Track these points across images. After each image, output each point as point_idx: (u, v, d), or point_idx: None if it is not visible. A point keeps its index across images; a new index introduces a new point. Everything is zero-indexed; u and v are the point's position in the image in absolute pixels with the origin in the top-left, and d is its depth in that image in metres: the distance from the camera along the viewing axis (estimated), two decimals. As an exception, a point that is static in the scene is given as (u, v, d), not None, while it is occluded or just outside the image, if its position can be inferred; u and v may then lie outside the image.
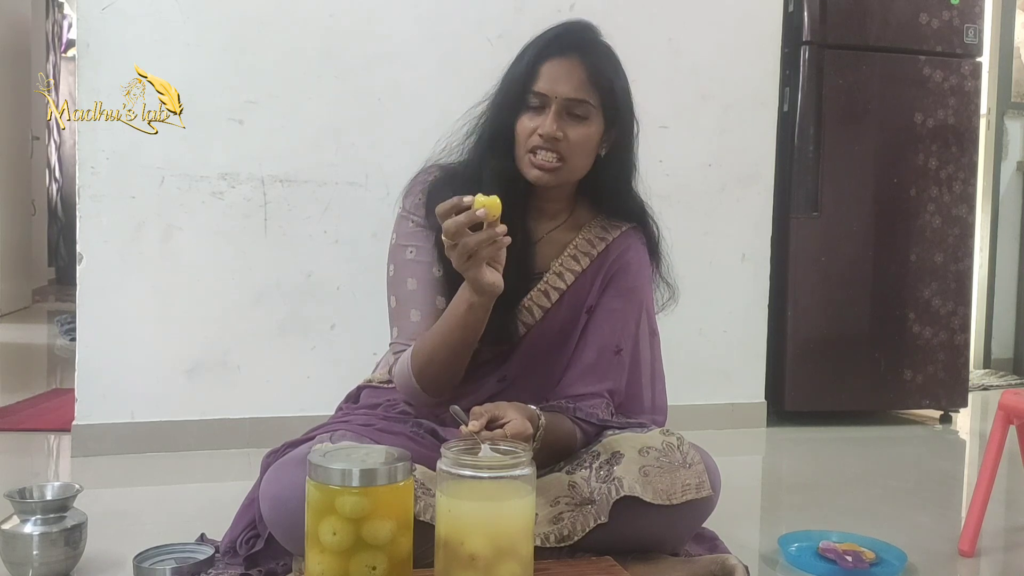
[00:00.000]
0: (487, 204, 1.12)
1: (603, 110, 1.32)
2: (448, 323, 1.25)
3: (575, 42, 1.32)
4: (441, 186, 1.37)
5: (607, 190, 1.41)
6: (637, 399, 1.43)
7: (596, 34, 1.37)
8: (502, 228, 1.15)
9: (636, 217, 1.45)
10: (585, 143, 1.31)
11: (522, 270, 1.37)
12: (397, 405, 1.40)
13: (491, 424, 1.13)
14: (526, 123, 1.31)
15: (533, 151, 1.30)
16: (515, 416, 1.15)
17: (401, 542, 0.98)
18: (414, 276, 1.36)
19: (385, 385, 1.44)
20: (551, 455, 1.30)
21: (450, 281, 1.34)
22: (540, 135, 1.28)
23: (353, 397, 1.48)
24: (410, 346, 1.32)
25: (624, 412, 1.42)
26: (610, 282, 1.41)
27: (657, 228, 1.47)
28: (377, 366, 1.54)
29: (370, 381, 1.48)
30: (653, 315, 1.47)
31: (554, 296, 1.39)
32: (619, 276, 1.41)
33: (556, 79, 1.29)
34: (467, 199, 1.13)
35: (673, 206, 2.65)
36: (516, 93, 1.32)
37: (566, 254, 1.41)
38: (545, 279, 1.39)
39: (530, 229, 1.40)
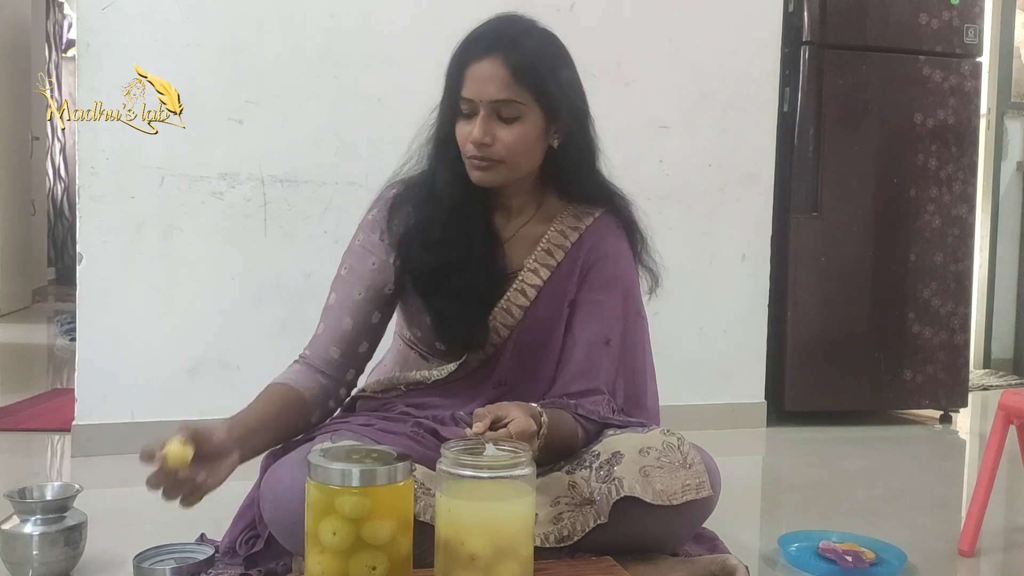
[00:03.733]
0: (173, 454, 1.04)
1: (539, 104, 1.29)
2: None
3: (497, 41, 1.28)
4: (402, 201, 1.39)
5: (569, 178, 1.39)
6: (631, 383, 1.43)
7: (523, 27, 1.32)
8: (200, 476, 1.10)
9: (604, 200, 1.43)
10: (520, 141, 1.29)
11: (492, 272, 1.36)
12: (396, 406, 1.40)
13: (495, 424, 1.13)
14: (461, 129, 1.30)
15: (469, 157, 1.29)
16: (518, 415, 1.14)
17: (401, 542, 0.98)
18: (336, 292, 1.40)
19: (380, 395, 1.44)
20: (554, 453, 1.30)
21: (374, 303, 1.37)
22: (471, 141, 1.27)
23: (348, 407, 1.47)
24: (303, 356, 1.38)
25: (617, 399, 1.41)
26: (588, 273, 1.39)
27: (631, 206, 1.45)
28: (371, 372, 1.53)
29: (363, 391, 1.48)
30: (638, 297, 1.45)
31: (531, 294, 1.38)
32: (597, 267, 1.39)
33: (480, 82, 1.26)
34: (158, 453, 1.05)
35: (673, 206, 2.65)
36: (450, 100, 1.31)
37: (539, 249, 1.39)
38: (520, 277, 1.38)
39: (497, 229, 1.39)
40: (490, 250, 1.37)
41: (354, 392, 1.46)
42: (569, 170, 1.38)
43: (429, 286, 1.35)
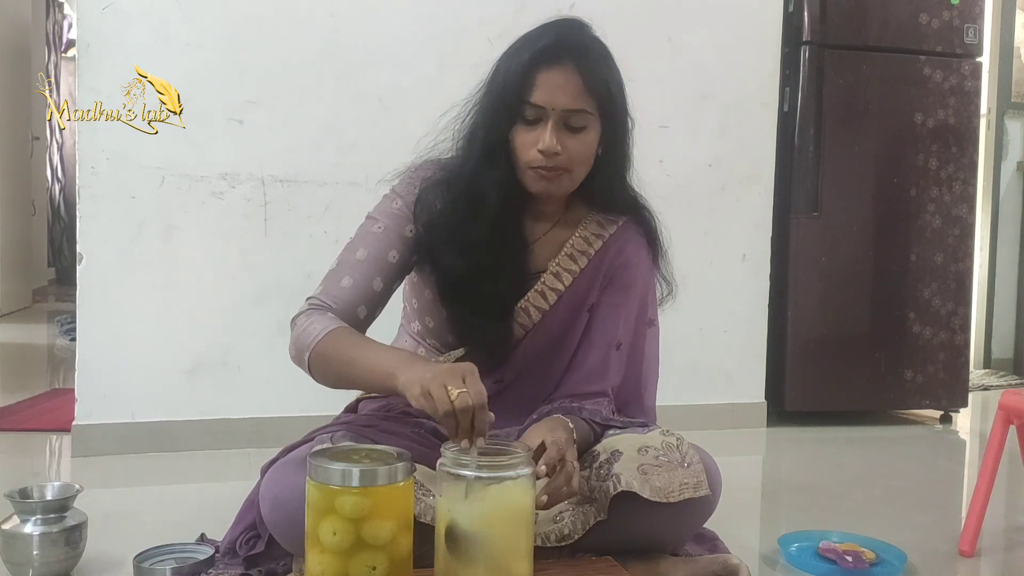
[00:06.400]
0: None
1: (600, 114, 1.29)
2: (367, 367, 1.19)
3: (569, 48, 1.26)
4: (436, 190, 1.34)
5: (601, 186, 1.38)
6: (633, 391, 1.42)
7: (589, 34, 1.32)
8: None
9: (630, 209, 1.43)
10: (586, 151, 1.29)
11: (519, 273, 1.35)
12: (397, 407, 1.40)
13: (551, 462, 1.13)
14: (523, 136, 1.26)
15: (535, 167, 1.27)
16: (572, 458, 1.16)
17: (401, 542, 0.98)
18: (367, 248, 1.32)
19: (384, 395, 1.43)
20: None
21: (401, 271, 1.34)
22: (540, 151, 1.25)
23: (352, 408, 1.47)
24: (326, 306, 1.28)
25: (617, 400, 1.41)
26: (611, 280, 1.39)
27: (653, 217, 1.45)
28: None
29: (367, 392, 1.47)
30: (653, 305, 1.44)
31: (552, 297, 1.38)
32: (620, 272, 1.39)
33: (552, 89, 1.24)
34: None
35: (673, 206, 2.63)
36: (510, 103, 1.26)
37: (563, 253, 1.39)
38: (543, 280, 1.38)
39: (527, 231, 1.39)
40: (519, 251, 1.35)
41: (358, 395, 1.46)
42: (603, 179, 1.36)
43: (453, 290, 1.32)
